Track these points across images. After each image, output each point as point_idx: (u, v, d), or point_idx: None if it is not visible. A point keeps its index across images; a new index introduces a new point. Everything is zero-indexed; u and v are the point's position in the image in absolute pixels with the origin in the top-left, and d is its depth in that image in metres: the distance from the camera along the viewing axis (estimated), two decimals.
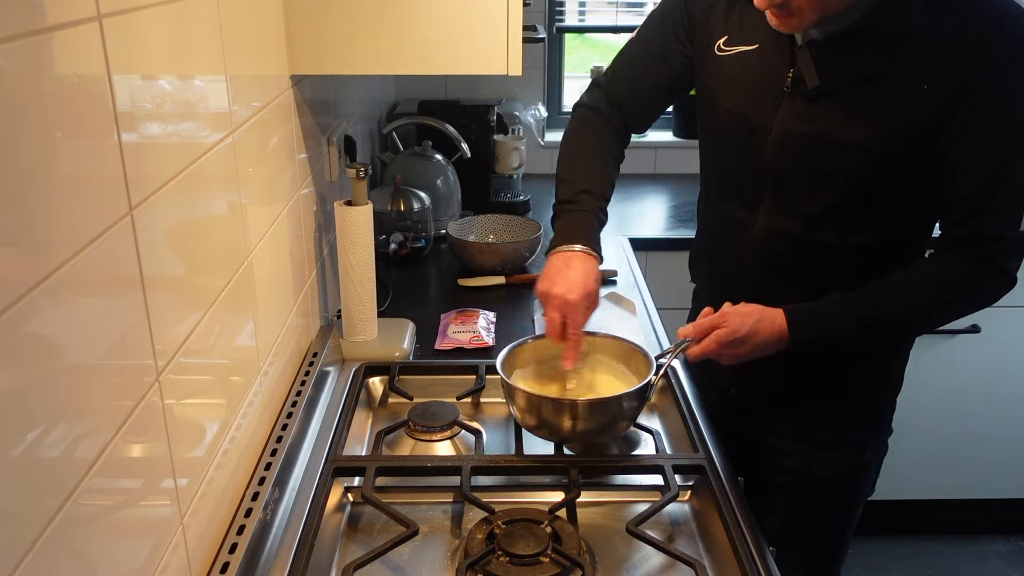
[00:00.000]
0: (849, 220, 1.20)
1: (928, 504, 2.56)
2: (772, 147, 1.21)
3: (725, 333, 1.20)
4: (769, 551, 1.04)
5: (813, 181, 1.20)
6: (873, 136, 1.13)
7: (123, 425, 0.72)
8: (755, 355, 1.22)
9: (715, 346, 1.20)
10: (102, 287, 0.70)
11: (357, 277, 1.44)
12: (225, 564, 0.93)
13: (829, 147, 1.16)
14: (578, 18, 2.89)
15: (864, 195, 1.18)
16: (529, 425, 1.21)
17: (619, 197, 2.57)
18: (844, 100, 1.14)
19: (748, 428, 1.39)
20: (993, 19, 1.08)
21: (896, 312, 1.20)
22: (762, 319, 1.20)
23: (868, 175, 1.16)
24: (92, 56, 0.67)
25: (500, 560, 0.99)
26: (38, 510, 0.60)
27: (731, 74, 1.25)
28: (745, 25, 1.23)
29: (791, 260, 1.25)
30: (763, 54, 1.21)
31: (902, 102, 1.10)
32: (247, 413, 1.09)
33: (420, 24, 1.26)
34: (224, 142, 0.99)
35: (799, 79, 1.16)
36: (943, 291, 1.19)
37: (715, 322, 1.22)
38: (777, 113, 1.20)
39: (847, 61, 1.13)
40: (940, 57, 1.08)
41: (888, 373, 1.36)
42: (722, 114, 1.27)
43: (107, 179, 0.70)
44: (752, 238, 1.27)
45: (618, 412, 1.19)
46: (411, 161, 2.20)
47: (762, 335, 1.19)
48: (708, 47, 1.27)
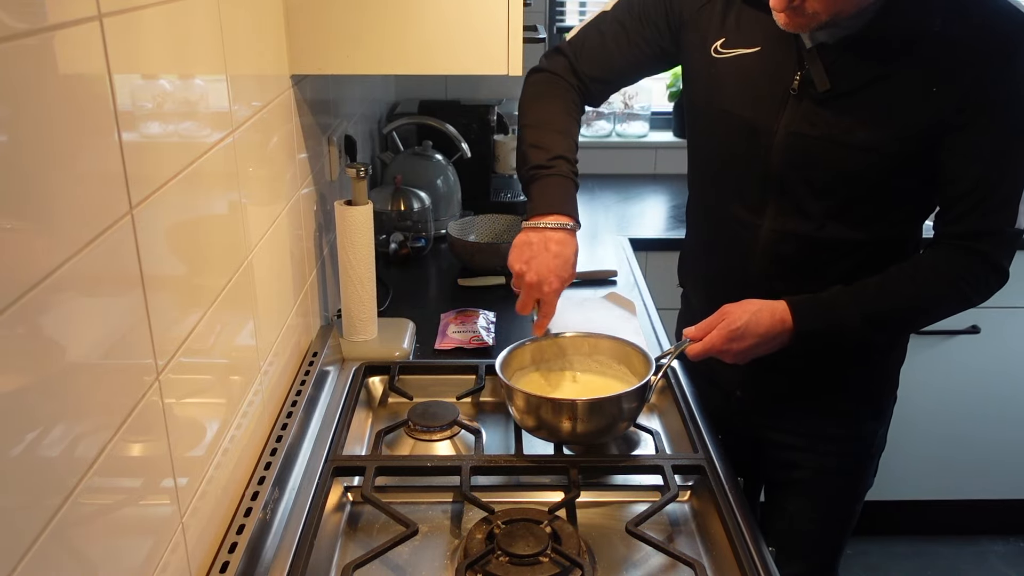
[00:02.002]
0: (855, 218, 1.21)
1: (928, 504, 2.56)
2: (779, 149, 1.21)
3: (724, 325, 1.20)
4: (769, 551, 1.04)
5: (820, 182, 1.20)
6: (881, 137, 1.14)
7: (123, 424, 0.72)
8: (759, 351, 1.21)
9: (718, 341, 1.20)
10: (102, 286, 0.70)
11: (357, 277, 1.44)
12: (225, 563, 0.93)
13: (837, 148, 1.16)
14: (578, 18, 2.88)
15: (870, 193, 1.19)
16: (528, 426, 1.21)
17: (619, 197, 2.59)
18: (853, 102, 1.15)
19: (753, 428, 1.39)
20: (999, 22, 1.09)
21: (897, 304, 1.21)
22: (762, 310, 1.20)
23: (875, 174, 1.17)
24: (93, 55, 0.67)
25: (499, 560, 0.99)
26: (38, 509, 0.60)
27: (730, 77, 1.24)
28: (743, 27, 1.23)
29: (799, 260, 1.26)
30: (765, 57, 1.21)
31: (911, 104, 1.11)
32: (247, 412, 1.09)
33: (421, 24, 1.26)
34: (224, 141, 0.99)
35: (808, 82, 1.16)
36: (939, 285, 1.19)
37: (716, 319, 1.22)
38: (783, 116, 1.20)
39: (856, 64, 1.13)
40: (948, 61, 1.09)
41: (887, 366, 1.38)
42: (721, 116, 1.27)
43: (107, 178, 0.70)
44: (759, 240, 1.27)
45: (617, 413, 1.19)
46: (411, 161, 2.20)
47: (763, 325, 1.19)
48: (702, 49, 1.27)
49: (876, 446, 1.41)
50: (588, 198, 2.54)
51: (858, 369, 1.34)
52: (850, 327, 1.19)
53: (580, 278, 1.90)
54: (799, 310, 1.20)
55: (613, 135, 2.81)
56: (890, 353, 1.37)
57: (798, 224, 1.23)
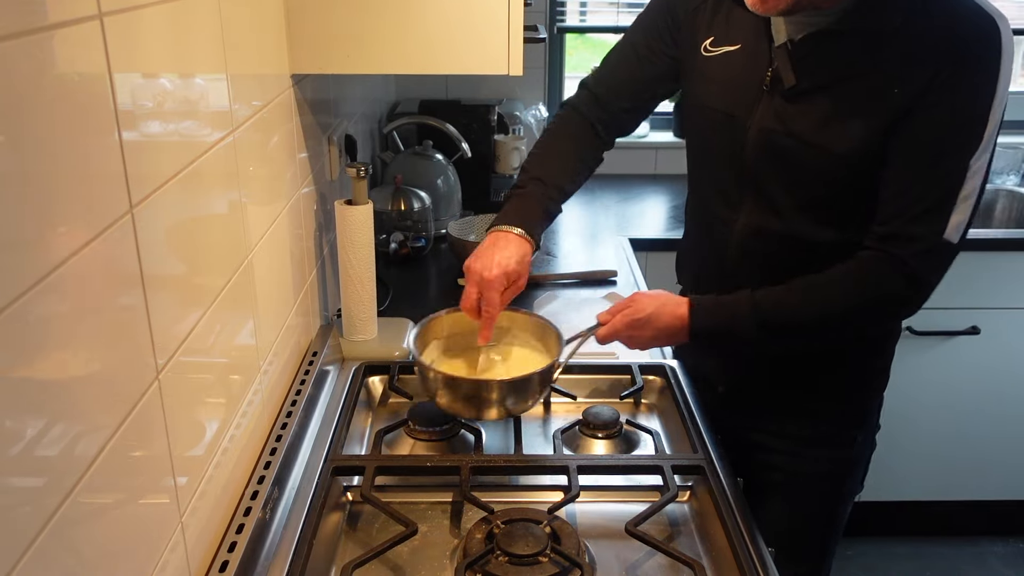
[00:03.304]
0: (825, 216, 1.20)
1: (927, 505, 2.56)
2: (751, 145, 1.22)
3: (629, 312, 1.23)
4: (768, 552, 1.04)
5: (791, 178, 1.21)
6: (844, 136, 1.13)
7: (123, 423, 0.72)
8: (658, 343, 1.25)
9: (620, 326, 1.23)
10: (102, 285, 0.70)
11: (357, 276, 1.44)
12: (224, 563, 0.93)
13: (803, 146, 1.17)
14: (579, 18, 2.88)
15: (839, 191, 1.18)
16: (440, 404, 1.22)
17: (619, 197, 2.59)
18: (821, 99, 1.15)
19: (740, 427, 1.39)
20: (958, 21, 1.07)
21: (797, 313, 1.19)
22: (666, 304, 1.23)
23: (843, 172, 1.16)
24: (93, 54, 0.67)
25: (499, 560, 0.99)
26: (37, 508, 0.60)
27: (716, 74, 1.26)
28: (731, 26, 1.24)
29: (771, 256, 1.25)
30: (744, 53, 1.22)
31: (877, 102, 1.11)
32: (247, 412, 1.09)
33: (421, 24, 1.26)
34: (225, 141, 0.99)
35: (777, 78, 1.17)
36: (851, 294, 1.17)
37: (625, 304, 1.25)
38: (756, 111, 1.21)
39: (824, 61, 1.14)
40: (913, 58, 1.08)
41: (873, 370, 1.36)
42: (707, 113, 1.28)
43: (108, 177, 0.70)
44: (734, 235, 1.28)
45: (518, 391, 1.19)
46: (412, 161, 2.20)
47: (663, 320, 1.22)
48: (694, 48, 1.29)
49: (859, 450, 1.39)
50: (588, 198, 2.54)
51: (836, 372, 1.33)
52: (744, 331, 1.18)
53: (580, 278, 1.91)
54: (696, 310, 1.22)
55: None
56: (870, 356, 1.35)
57: (770, 220, 1.24)
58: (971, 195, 1.10)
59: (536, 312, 1.70)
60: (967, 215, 1.11)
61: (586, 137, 1.41)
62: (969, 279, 2.28)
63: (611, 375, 1.43)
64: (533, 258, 1.93)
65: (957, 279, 2.27)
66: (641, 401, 1.41)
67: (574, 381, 1.40)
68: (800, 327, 1.21)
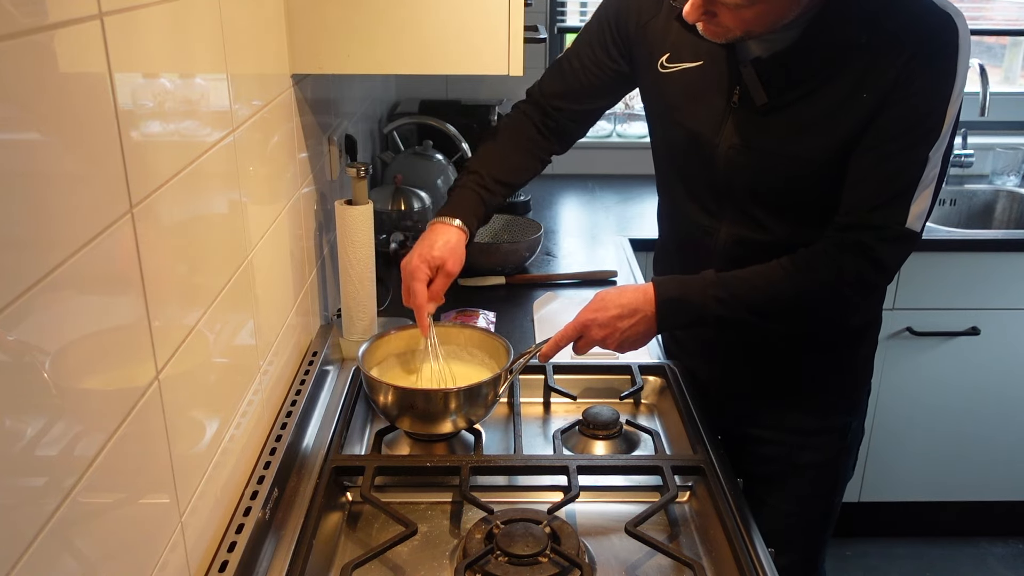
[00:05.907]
0: (804, 224, 1.22)
1: (927, 506, 2.56)
2: (723, 161, 1.24)
3: (586, 307, 1.24)
4: (768, 552, 1.04)
5: (765, 191, 1.23)
6: (820, 146, 1.16)
7: (122, 423, 0.72)
8: (622, 323, 1.22)
9: (576, 322, 1.23)
10: (102, 285, 0.70)
11: (357, 276, 1.44)
12: (224, 563, 0.93)
13: (777, 159, 1.19)
14: (579, 18, 2.88)
15: (816, 200, 1.20)
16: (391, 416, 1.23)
17: (619, 197, 2.59)
18: (791, 114, 1.17)
19: (730, 423, 1.40)
20: (917, 19, 1.10)
21: (758, 295, 1.19)
22: (628, 287, 1.25)
23: (817, 181, 1.19)
24: (93, 54, 0.67)
25: (499, 560, 0.99)
26: (37, 508, 0.60)
27: (676, 91, 1.27)
28: (685, 42, 1.25)
29: (759, 261, 1.26)
30: (706, 71, 1.23)
31: (846, 111, 1.13)
32: (246, 412, 1.09)
33: (421, 24, 1.26)
34: (225, 140, 0.99)
35: (746, 96, 1.19)
36: (812, 278, 1.17)
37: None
38: (724, 128, 1.22)
39: (792, 77, 1.16)
40: (876, 67, 1.10)
41: (856, 358, 1.39)
42: (674, 129, 1.30)
43: (108, 177, 0.70)
44: (718, 244, 1.30)
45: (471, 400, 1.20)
46: (412, 160, 2.20)
47: (627, 295, 1.22)
48: (650, 63, 1.30)
49: (851, 439, 1.43)
50: (588, 198, 2.54)
51: (825, 362, 1.36)
52: (706, 303, 1.19)
53: (580, 278, 1.91)
54: (661, 280, 1.24)
55: (613, 136, 2.81)
56: (858, 345, 1.38)
57: (751, 230, 1.26)
58: (930, 184, 1.13)
59: (536, 312, 1.70)
60: (927, 204, 1.14)
61: (529, 136, 1.43)
62: (969, 279, 2.28)
63: (611, 375, 1.42)
64: (533, 258, 1.94)
65: (957, 279, 2.29)
66: (641, 401, 1.41)
67: (574, 381, 1.40)
68: (760, 309, 1.20)
